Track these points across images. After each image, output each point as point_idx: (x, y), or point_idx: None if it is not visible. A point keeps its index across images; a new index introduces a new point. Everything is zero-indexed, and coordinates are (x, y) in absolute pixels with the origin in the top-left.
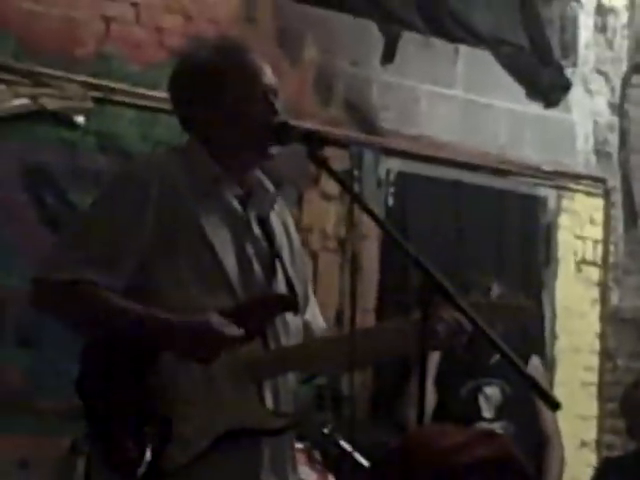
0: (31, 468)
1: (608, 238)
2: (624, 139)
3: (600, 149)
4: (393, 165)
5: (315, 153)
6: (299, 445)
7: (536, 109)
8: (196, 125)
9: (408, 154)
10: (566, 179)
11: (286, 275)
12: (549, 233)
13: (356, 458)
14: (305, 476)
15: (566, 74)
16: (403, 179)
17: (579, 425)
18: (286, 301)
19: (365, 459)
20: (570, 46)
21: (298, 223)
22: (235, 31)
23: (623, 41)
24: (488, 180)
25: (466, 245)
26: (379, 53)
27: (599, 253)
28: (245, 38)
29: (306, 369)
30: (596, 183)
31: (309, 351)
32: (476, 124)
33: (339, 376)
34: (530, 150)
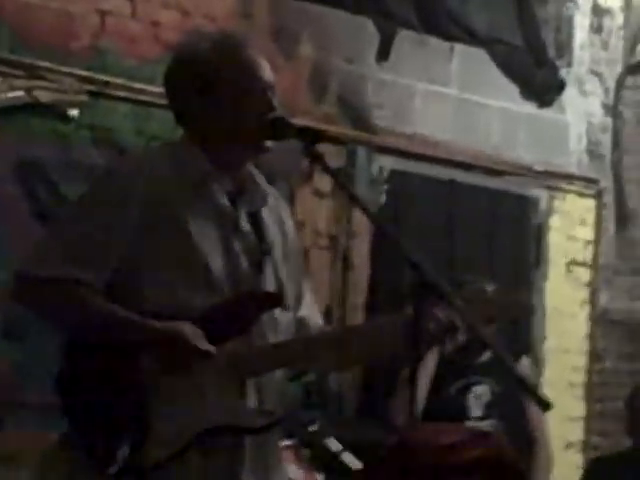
0: (18, 462)
1: (599, 239)
2: (617, 140)
3: (593, 150)
4: (386, 163)
5: (310, 148)
6: (287, 442)
7: (530, 109)
8: (191, 119)
9: (402, 152)
10: (558, 179)
11: (275, 271)
12: (540, 233)
13: (344, 456)
14: (292, 474)
15: (560, 74)
16: (396, 177)
17: (566, 426)
18: (271, 297)
19: (353, 457)
20: (565, 46)
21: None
22: (231, 27)
23: (618, 42)
24: (481, 179)
25: (458, 244)
26: (374, 50)
27: (589, 254)
28: (240, 33)
29: (292, 366)
30: (588, 184)
31: (296, 348)
32: (470, 123)
33: (327, 374)
34: (523, 150)
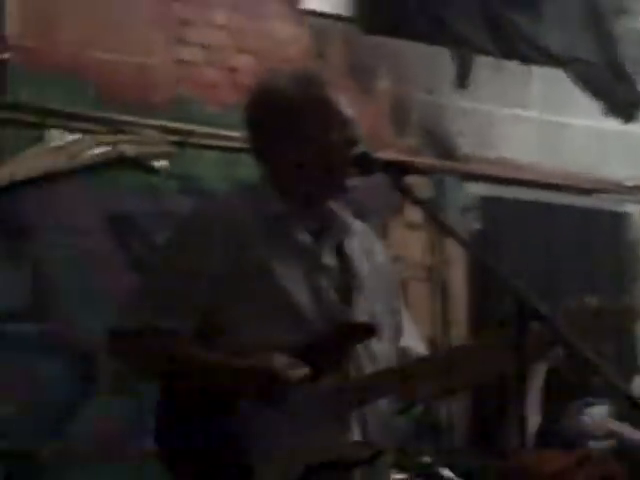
0: None
1: None
2: None
3: None
4: (475, 189)
5: (398, 182)
6: (400, 476)
7: (613, 125)
8: (270, 159)
9: (489, 178)
10: None
11: (366, 303)
12: (635, 249)
13: None
14: None
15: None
16: (486, 203)
17: None
18: (364, 328)
19: None
20: None
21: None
22: (307, 67)
23: None
24: (572, 199)
25: (554, 264)
26: (452, 79)
27: None
28: (319, 71)
29: (396, 394)
30: None
31: (400, 374)
32: (554, 144)
33: (433, 401)
34: (611, 166)
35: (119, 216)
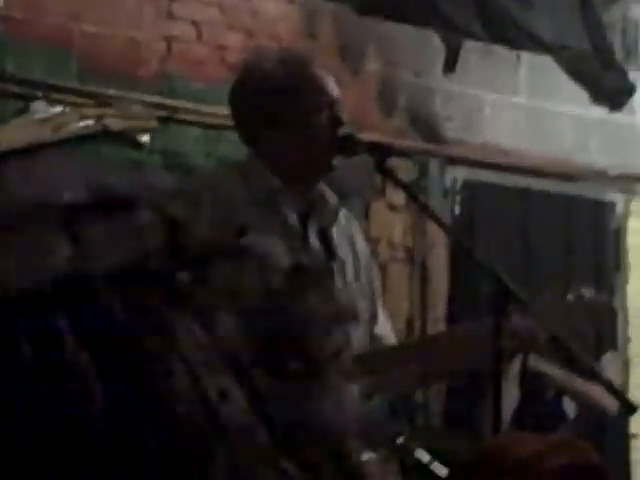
0: None
1: None
2: None
3: None
4: (459, 174)
5: (381, 164)
6: (373, 456)
7: (601, 113)
8: (258, 139)
9: (473, 162)
10: (633, 182)
11: (346, 288)
12: (618, 237)
13: (433, 467)
14: None
15: (629, 78)
16: (469, 187)
17: None
18: (344, 312)
19: (442, 467)
20: (632, 49)
21: (366, 234)
22: (296, 46)
23: None
24: (555, 186)
25: (535, 251)
26: (441, 63)
27: None
28: (307, 52)
29: (369, 379)
30: None
31: (373, 359)
32: (541, 130)
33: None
34: (596, 155)
35: (101, 190)
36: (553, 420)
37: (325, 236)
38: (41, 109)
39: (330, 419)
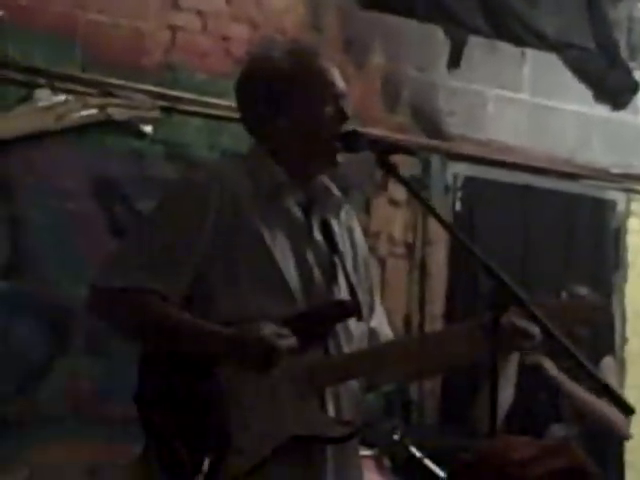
0: (100, 476)
1: None
2: None
3: None
4: (460, 170)
5: (383, 160)
6: (368, 452)
7: (604, 112)
8: (263, 130)
9: (475, 159)
10: (635, 182)
11: (348, 281)
12: (618, 236)
13: (426, 464)
14: None
15: (634, 76)
16: (471, 184)
17: None
18: (347, 307)
19: (435, 465)
20: (638, 48)
21: (366, 229)
22: (301, 39)
23: None
24: (556, 184)
25: (534, 249)
26: (445, 58)
27: None
28: (311, 44)
29: (370, 375)
30: None
31: (373, 357)
32: (544, 128)
33: (406, 383)
34: (599, 153)
35: (103, 179)
36: (546, 420)
37: (327, 228)
38: (44, 97)
39: None
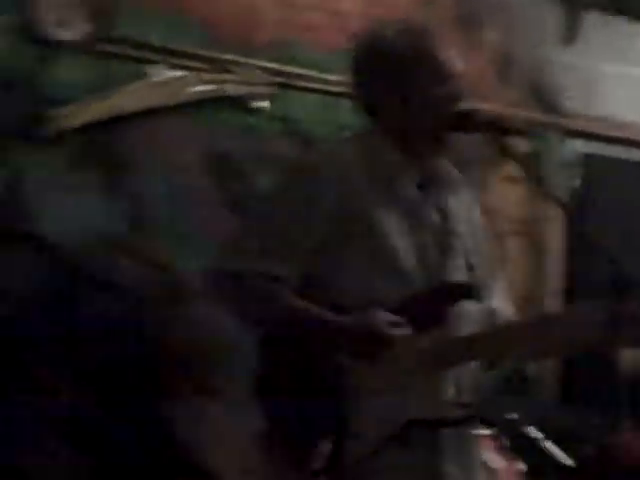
0: None
1: None
2: None
3: None
4: (577, 147)
5: (498, 141)
6: (486, 432)
7: None
8: (379, 111)
9: (593, 135)
10: None
11: (467, 262)
12: None
13: (546, 445)
14: (493, 463)
15: None
16: (588, 161)
17: None
18: (465, 289)
19: (554, 446)
20: None
21: (482, 206)
22: (415, 15)
23: None
24: None
25: None
26: (560, 33)
27: None
28: (426, 21)
29: (491, 357)
30: None
31: (495, 338)
32: None
33: (524, 363)
34: None
35: (219, 155)
36: None
37: (445, 209)
38: (159, 73)
39: None
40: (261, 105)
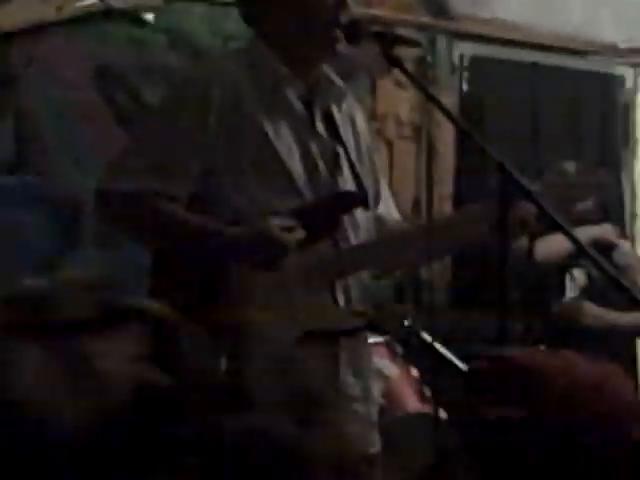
0: None
1: None
2: None
3: None
4: (466, 50)
5: (387, 53)
6: (379, 339)
7: None
8: (261, 22)
9: (482, 38)
10: None
11: (353, 171)
12: (627, 112)
13: (437, 349)
14: (387, 370)
15: None
16: (477, 63)
17: None
18: (353, 198)
19: (447, 350)
20: None
21: (372, 111)
22: None
23: None
24: (564, 61)
25: (543, 127)
26: None
27: None
28: None
29: (379, 266)
30: None
31: (381, 247)
32: (550, 4)
33: (415, 268)
34: (606, 28)
35: (105, 69)
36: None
37: (329, 120)
38: None
39: None
40: (146, 17)
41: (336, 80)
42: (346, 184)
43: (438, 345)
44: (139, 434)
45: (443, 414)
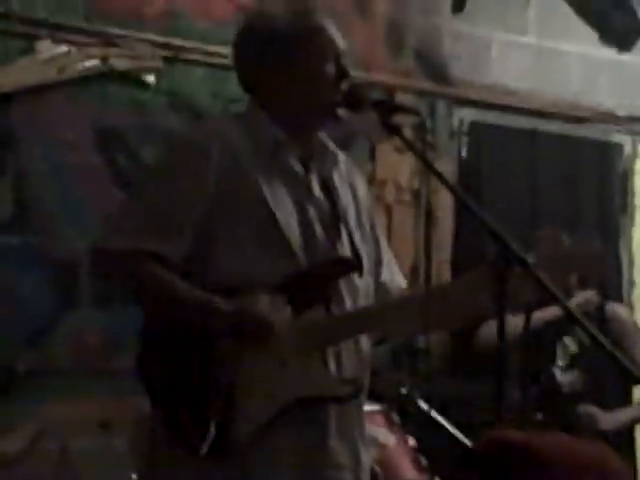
0: (113, 429)
1: None
2: None
3: None
4: (466, 115)
5: (387, 121)
6: (376, 407)
7: (609, 54)
8: (261, 88)
9: (481, 103)
10: None
11: (350, 237)
12: (625, 179)
13: (435, 417)
14: (384, 438)
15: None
16: (476, 129)
17: None
18: (347, 264)
19: (443, 418)
20: None
21: (372, 176)
22: None
23: None
24: (563, 127)
25: (541, 193)
26: (449, 2)
27: None
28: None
29: (372, 332)
30: None
31: (375, 314)
32: (549, 71)
33: (411, 337)
34: (604, 96)
35: (106, 130)
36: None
37: (327, 184)
38: (46, 49)
39: None
40: (148, 79)
41: (330, 145)
42: (344, 249)
43: (435, 413)
44: None
45: None
